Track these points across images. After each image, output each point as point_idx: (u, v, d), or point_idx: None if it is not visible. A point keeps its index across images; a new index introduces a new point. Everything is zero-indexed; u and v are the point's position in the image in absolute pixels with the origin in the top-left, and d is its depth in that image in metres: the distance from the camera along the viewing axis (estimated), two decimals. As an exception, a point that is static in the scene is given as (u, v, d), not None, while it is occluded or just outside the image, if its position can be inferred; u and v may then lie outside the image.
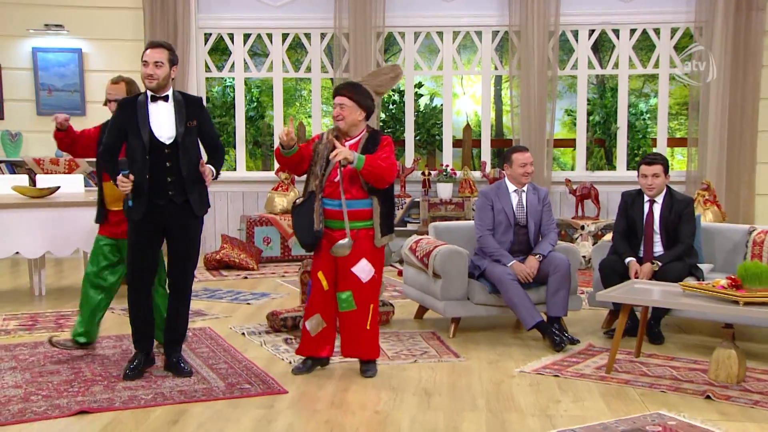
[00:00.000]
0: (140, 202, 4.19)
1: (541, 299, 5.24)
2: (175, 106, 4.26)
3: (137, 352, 4.41)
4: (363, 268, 4.29)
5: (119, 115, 4.24)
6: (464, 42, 9.55)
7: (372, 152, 4.25)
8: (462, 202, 8.78)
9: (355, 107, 4.30)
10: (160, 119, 4.22)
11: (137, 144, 4.17)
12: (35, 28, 8.90)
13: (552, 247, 5.29)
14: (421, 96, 11.33)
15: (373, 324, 4.35)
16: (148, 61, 4.18)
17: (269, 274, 7.94)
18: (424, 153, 10.03)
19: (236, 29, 9.29)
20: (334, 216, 4.28)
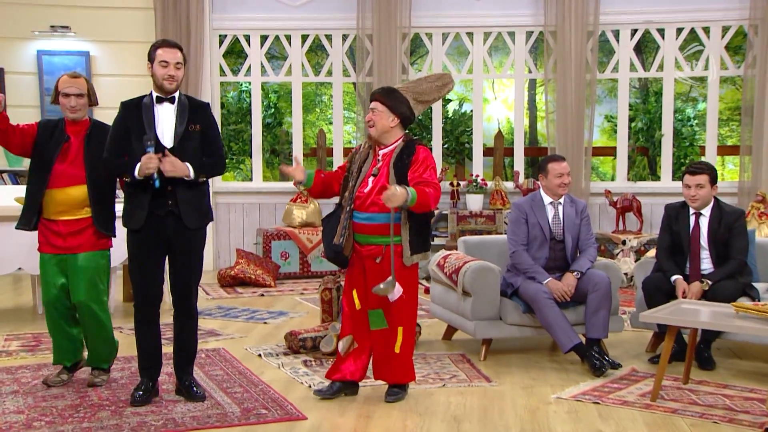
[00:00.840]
0: (140, 211, 4.20)
1: (579, 320, 5.20)
2: (178, 108, 4.30)
3: (143, 379, 4.40)
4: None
5: (123, 117, 4.27)
6: (496, 43, 9.55)
7: (407, 164, 4.23)
8: (493, 215, 8.75)
9: (387, 113, 4.30)
10: (163, 122, 4.27)
11: (140, 147, 4.19)
12: (40, 30, 9.02)
13: (591, 264, 5.25)
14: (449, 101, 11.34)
15: (404, 347, 4.34)
16: (169, 62, 4.22)
17: (287, 291, 7.96)
18: (453, 162, 10.02)
19: (253, 30, 9.36)
20: (362, 230, 4.29)
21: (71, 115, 4.53)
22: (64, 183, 4.47)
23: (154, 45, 4.30)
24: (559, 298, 5.12)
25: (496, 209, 8.84)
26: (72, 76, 4.56)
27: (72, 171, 4.48)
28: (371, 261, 4.28)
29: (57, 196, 4.47)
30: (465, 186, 9.06)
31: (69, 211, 4.49)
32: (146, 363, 4.40)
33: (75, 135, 4.54)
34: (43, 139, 4.51)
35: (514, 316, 5.21)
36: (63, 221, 4.49)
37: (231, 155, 10.51)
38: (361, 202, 4.27)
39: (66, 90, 4.50)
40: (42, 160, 4.49)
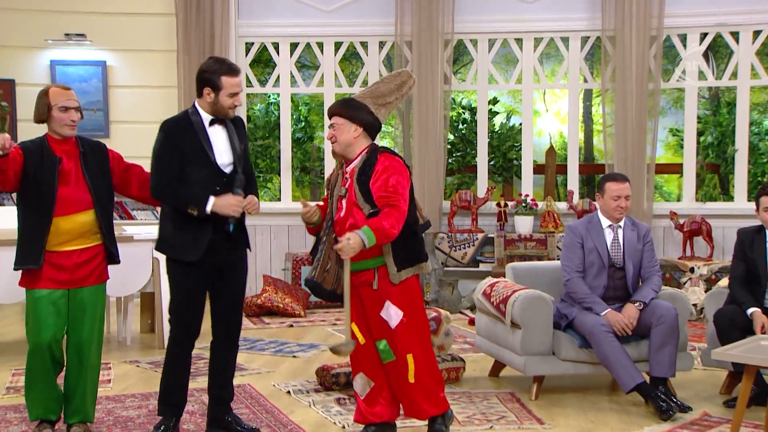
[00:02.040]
0: (201, 240, 4.23)
1: (642, 356, 5.15)
2: (228, 130, 4.36)
3: (165, 418, 4.42)
4: (388, 312, 4.25)
5: (174, 138, 4.25)
6: (548, 50, 9.55)
7: (369, 173, 4.20)
8: (545, 239, 8.71)
9: (347, 124, 4.28)
10: (218, 145, 4.32)
11: (202, 174, 4.23)
12: (54, 38, 9.17)
13: (655, 294, 5.20)
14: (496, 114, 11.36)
15: (419, 374, 4.26)
16: (238, 91, 4.30)
17: (319, 321, 7.98)
18: (500, 180, 10.01)
19: (282, 38, 9.46)
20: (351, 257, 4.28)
21: (70, 132, 4.39)
22: (71, 209, 4.35)
23: (216, 71, 4.27)
24: (620, 332, 5.07)
25: (548, 232, 8.79)
26: (65, 87, 4.47)
27: (78, 195, 4.37)
28: (367, 289, 4.26)
29: (64, 224, 4.35)
30: (513, 207, 9.02)
31: (76, 240, 4.39)
32: (174, 399, 4.42)
33: (65, 154, 4.41)
34: (33, 164, 4.34)
35: (569, 351, 5.17)
36: (69, 252, 4.38)
37: (258, 173, 10.60)
38: (340, 227, 4.26)
39: (65, 103, 4.38)
40: (40, 188, 4.33)
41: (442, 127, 9.03)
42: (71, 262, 4.37)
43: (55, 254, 4.35)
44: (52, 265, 4.34)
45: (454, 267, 8.90)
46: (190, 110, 4.35)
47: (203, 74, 4.29)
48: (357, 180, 4.20)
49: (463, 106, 11.71)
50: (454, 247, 8.83)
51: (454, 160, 10.64)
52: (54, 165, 4.34)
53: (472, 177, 10.73)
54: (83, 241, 4.40)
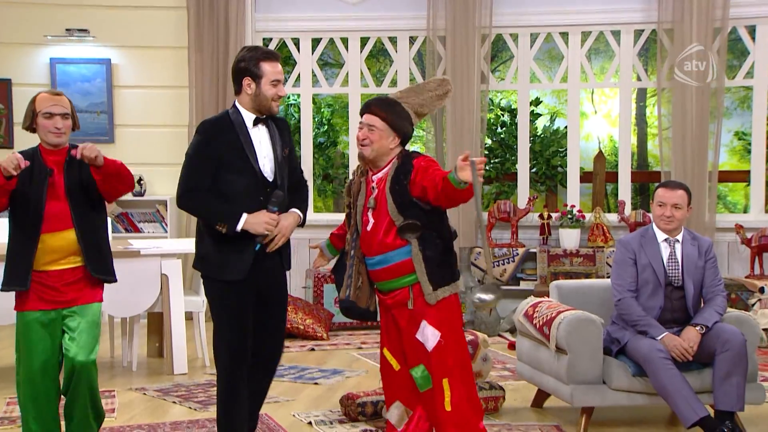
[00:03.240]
0: (245, 257, 4.21)
1: (705, 386, 5.09)
2: (270, 130, 4.34)
3: None
4: (424, 333, 4.25)
5: (213, 141, 4.21)
6: (597, 45, 9.54)
7: (405, 184, 4.20)
8: (593, 254, 8.66)
9: (387, 131, 4.28)
10: (262, 149, 4.29)
11: (244, 182, 4.20)
12: (54, 34, 9.24)
13: (719, 316, 5.15)
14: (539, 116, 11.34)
15: (456, 402, 4.24)
16: (280, 80, 4.27)
17: (343, 345, 7.98)
18: (543, 190, 9.98)
19: (303, 33, 9.49)
20: (379, 276, 4.31)
21: (55, 139, 4.41)
22: (58, 226, 4.38)
23: (253, 57, 4.27)
24: (679, 358, 5.02)
25: (597, 247, 8.75)
26: (54, 93, 4.49)
27: (66, 211, 4.40)
28: (401, 309, 4.28)
29: (51, 242, 4.38)
30: (558, 219, 8.99)
31: (64, 259, 4.42)
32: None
33: (57, 166, 4.43)
34: (23, 176, 4.35)
35: (622, 380, 5.13)
36: (57, 272, 4.41)
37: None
38: (368, 243, 4.28)
39: (49, 109, 4.38)
40: (28, 203, 4.36)
41: (478, 131, 9.02)
42: (61, 282, 4.40)
43: (45, 274, 4.38)
44: (42, 285, 4.38)
45: (493, 285, 8.85)
46: (231, 110, 4.32)
47: (239, 65, 4.27)
48: (390, 190, 4.20)
49: (502, 108, 11.71)
50: (493, 263, 8.80)
51: (492, 167, 10.63)
52: (44, 177, 4.38)
53: (512, 186, 10.71)
54: (74, 259, 4.43)
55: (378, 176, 4.31)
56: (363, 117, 4.32)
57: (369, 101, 4.37)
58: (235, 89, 4.34)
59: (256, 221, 4.17)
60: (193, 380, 6.56)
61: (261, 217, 4.17)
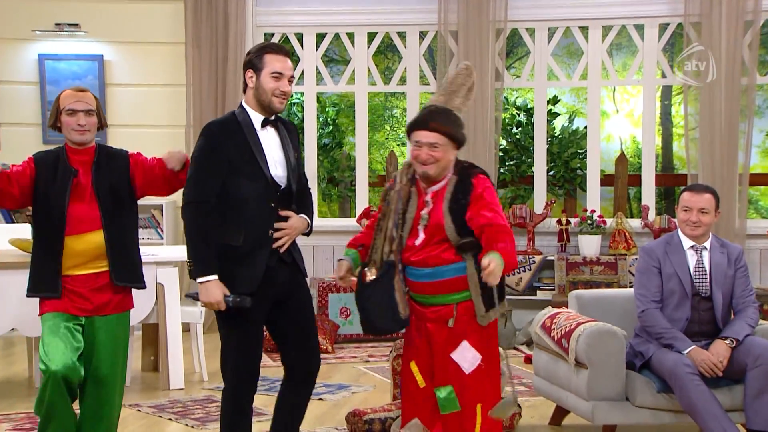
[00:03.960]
0: (255, 270, 4.20)
1: (736, 404, 5.08)
2: (280, 133, 4.35)
3: None
4: (464, 355, 4.28)
5: (221, 145, 4.19)
6: (618, 40, 9.53)
7: (464, 203, 4.25)
8: (615, 262, 8.65)
9: (449, 145, 4.30)
10: (272, 152, 4.29)
11: (253, 188, 4.20)
12: (43, 29, 9.23)
13: (750, 329, 5.14)
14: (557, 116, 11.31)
15: (485, 430, 4.30)
16: (283, 74, 4.23)
17: (349, 358, 7.98)
18: (561, 194, 9.95)
19: (306, 27, 9.50)
20: (424, 289, 4.32)
21: (78, 137, 4.49)
22: (83, 228, 4.44)
23: (260, 49, 4.28)
24: (708, 373, 5.01)
25: (619, 255, 8.73)
26: (78, 89, 4.58)
27: (92, 213, 4.47)
28: (438, 324, 4.30)
29: (75, 245, 4.45)
30: (577, 224, 8.98)
31: (90, 263, 4.48)
32: None
33: (83, 166, 4.52)
34: (46, 177, 4.46)
35: (645, 396, 5.12)
36: (85, 276, 4.48)
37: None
38: (414, 254, 4.29)
39: (72, 105, 4.47)
40: (50, 205, 4.45)
41: (492, 132, 9.01)
42: (87, 287, 4.47)
43: (70, 278, 4.46)
44: (68, 290, 4.45)
45: (508, 295, 8.78)
46: (237, 110, 4.31)
47: (246, 58, 4.30)
48: (450, 210, 4.23)
49: (517, 107, 11.67)
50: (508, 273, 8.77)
51: (506, 169, 10.60)
52: (68, 177, 4.47)
53: (528, 189, 10.68)
54: (100, 263, 4.50)
55: (434, 189, 4.32)
56: (419, 134, 4.26)
57: (424, 116, 4.33)
58: (243, 87, 4.35)
59: (210, 293, 4.12)
60: (190, 396, 6.56)
61: (216, 294, 4.12)
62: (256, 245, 4.19)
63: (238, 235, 4.18)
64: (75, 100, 4.49)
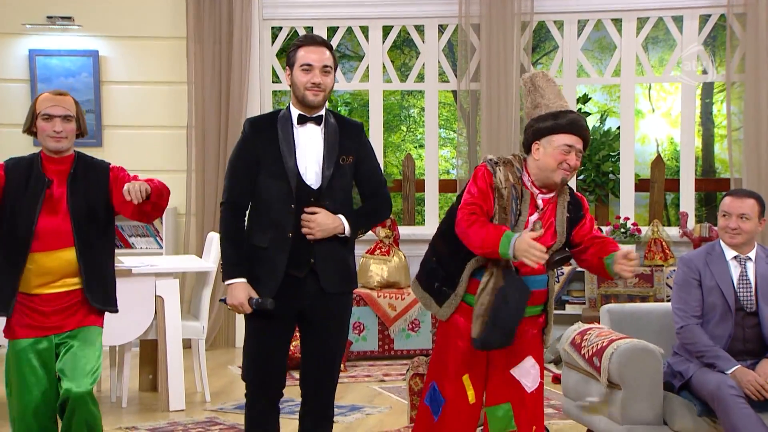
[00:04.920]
0: (274, 275, 4.29)
1: (786, 429, 5.04)
2: (326, 132, 4.40)
3: None
4: (528, 371, 4.32)
5: (252, 141, 4.35)
6: (655, 33, 9.52)
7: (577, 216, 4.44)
8: (650, 274, 8.62)
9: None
10: (307, 151, 4.35)
11: (278, 188, 4.29)
12: (34, 23, 9.25)
13: (800, 348, 5.12)
14: (587, 115, 11.32)
15: None
16: (314, 65, 4.30)
17: (362, 377, 7.98)
18: (592, 200, 9.94)
19: (317, 21, 9.51)
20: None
21: (54, 144, 4.44)
22: (53, 245, 4.40)
23: (295, 44, 4.38)
24: (754, 395, 4.96)
25: (655, 266, 8.71)
26: (56, 93, 4.54)
27: (64, 228, 4.42)
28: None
29: (44, 262, 4.40)
30: (609, 233, 8.95)
31: (57, 282, 4.44)
32: None
33: (58, 176, 4.47)
34: (16, 185, 4.41)
35: (685, 420, 5.08)
36: (49, 296, 4.44)
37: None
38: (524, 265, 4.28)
39: (49, 110, 4.43)
40: (17, 217, 4.38)
41: (517, 133, 8.99)
42: (54, 307, 4.43)
43: (36, 297, 4.40)
44: (30, 310, 4.40)
45: (535, 309, 8.83)
46: (284, 108, 4.44)
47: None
48: (568, 219, 4.38)
49: (544, 106, 11.69)
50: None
51: (533, 173, 10.62)
52: (40, 188, 4.41)
53: (556, 195, 10.70)
54: (69, 282, 4.46)
55: (546, 197, 4.38)
56: (572, 138, 4.33)
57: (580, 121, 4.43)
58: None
59: (235, 295, 4.30)
60: (191, 418, 6.56)
61: (240, 296, 4.28)
62: (278, 248, 4.28)
63: (264, 236, 4.31)
64: (52, 104, 4.45)
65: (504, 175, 4.35)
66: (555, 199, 4.39)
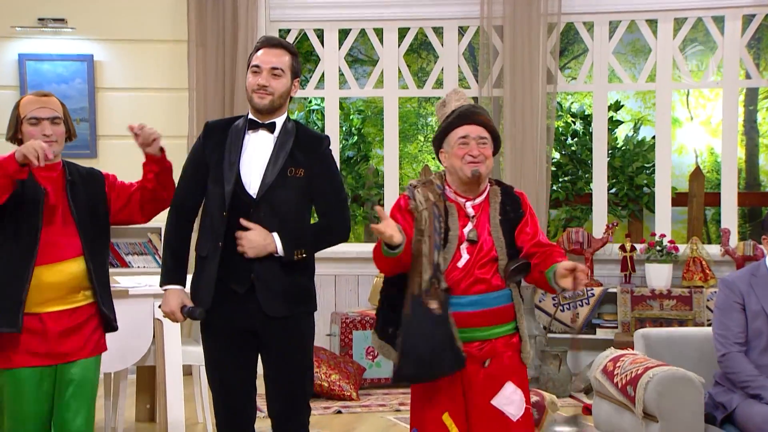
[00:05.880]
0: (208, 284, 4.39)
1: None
2: (278, 140, 4.45)
3: None
4: (510, 398, 4.30)
5: (204, 144, 4.49)
6: (693, 34, 9.51)
7: (514, 217, 4.37)
8: (689, 296, 8.59)
9: (491, 147, 4.41)
10: (253, 158, 4.42)
11: (216, 194, 4.40)
12: (24, 25, 9.28)
13: None
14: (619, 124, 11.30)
15: None
16: (261, 67, 4.40)
17: (376, 407, 7.98)
18: (625, 215, 9.93)
19: (327, 22, 9.53)
20: (469, 321, 4.30)
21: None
22: (57, 256, 4.39)
23: (255, 46, 4.51)
24: (803, 431, 4.95)
25: (694, 287, 8.68)
26: (40, 94, 4.55)
27: (66, 238, 4.42)
28: (476, 366, 4.30)
29: (47, 276, 4.38)
30: (644, 251, 8.93)
31: (62, 298, 4.42)
32: None
33: (51, 184, 4.47)
34: (14, 195, 4.36)
35: (728, 455, 5.08)
36: (52, 314, 4.40)
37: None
38: (458, 281, 4.28)
39: (35, 113, 4.42)
40: (19, 228, 4.38)
41: (544, 143, 9.00)
42: (58, 327, 4.40)
43: (37, 317, 4.37)
44: (33, 333, 4.36)
45: (562, 333, 8.82)
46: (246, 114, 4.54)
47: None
48: (500, 223, 4.30)
49: (573, 114, 11.66)
50: (561, 306, 8.76)
51: (560, 186, 10.58)
52: (38, 198, 4.40)
53: (585, 210, 10.66)
54: (73, 299, 4.45)
55: (475, 203, 4.37)
56: (466, 129, 4.35)
57: (470, 109, 4.43)
58: None
59: (167, 301, 4.46)
60: None
61: (172, 304, 4.45)
62: (212, 257, 4.38)
63: (205, 244, 4.44)
64: (38, 107, 4.45)
65: (423, 196, 4.37)
66: (486, 203, 4.38)
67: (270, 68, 4.37)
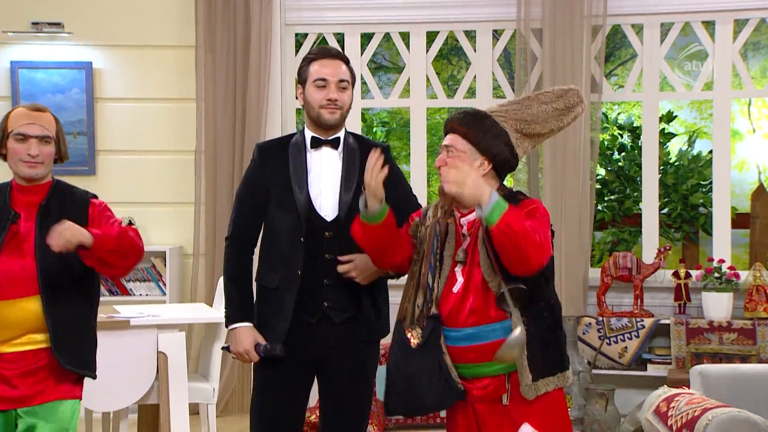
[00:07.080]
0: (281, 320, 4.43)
1: None
2: (345, 157, 4.50)
3: None
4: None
5: (261, 169, 4.52)
6: (755, 38, 9.46)
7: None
8: (752, 329, 8.55)
9: (472, 152, 4.23)
10: (322, 178, 4.47)
11: (286, 221, 4.44)
12: (17, 30, 9.34)
13: None
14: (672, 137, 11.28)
15: None
16: (329, 80, 4.45)
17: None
18: (678, 238, 9.90)
19: (348, 26, 9.55)
20: (465, 357, 4.27)
21: (27, 171, 4.36)
22: (14, 292, 4.27)
23: (307, 58, 4.54)
24: None
25: (758, 319, 8.63)
26: (33, 108, 4.47)
27: (29, 272, 4.30)
28: (491, 406, 4.27)
29: (7, 313, 4.28)
30: (700, 278, 8.89)
31: (21, 337, 4.32)
32: None
33: (28, 209, 4.39)
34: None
35: None
36: (10, 355, 4.31)
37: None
38: (452, 309, 4.25)
39: (23, 129, 4.34)
40: None
41: (587, 158, 8.98)
42: (18, 370, 4.31)
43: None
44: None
45: (609, 369, 8.78)
46: (298, 131, 4.59)
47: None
48: (484, 240, 4.16)
49: (620, 126, 11.68)
50: (608, 339, 8.73)
51: (606, 206, 10.59)
52: (5, 223, 4.33)
53: (634, 232, 10.63)
54: (36, 338, 4.34)
55: (469, 219, 4.30)
56: (445, 138, 4.34)
57: (452, 117, 4.38)
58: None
59: (239, 341, 4.47)
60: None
61: (245, 342, 4.45)
62: (287, 288, 4.41)
63: (274, 275, 4.48)
64: (28, 122, 4.36)
65: (433, 212, 4.38)
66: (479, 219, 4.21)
67: (337, 81, 4.46)
